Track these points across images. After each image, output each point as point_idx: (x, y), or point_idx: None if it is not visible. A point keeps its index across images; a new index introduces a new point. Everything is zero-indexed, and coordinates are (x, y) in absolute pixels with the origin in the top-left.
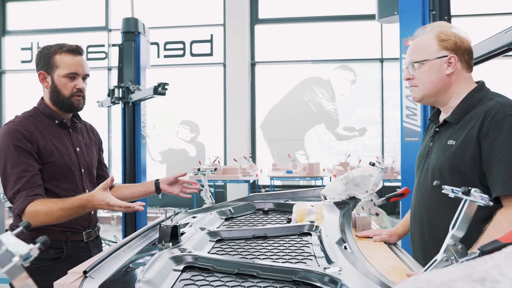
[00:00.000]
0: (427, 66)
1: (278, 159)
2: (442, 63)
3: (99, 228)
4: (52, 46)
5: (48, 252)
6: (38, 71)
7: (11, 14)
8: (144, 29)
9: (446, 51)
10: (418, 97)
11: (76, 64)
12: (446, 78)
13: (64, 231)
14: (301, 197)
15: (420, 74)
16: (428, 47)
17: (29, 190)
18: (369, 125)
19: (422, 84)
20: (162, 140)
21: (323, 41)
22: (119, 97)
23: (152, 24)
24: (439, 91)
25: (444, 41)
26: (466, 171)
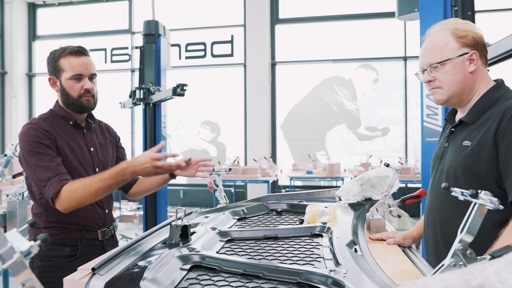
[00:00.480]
0: (449, 65)
1: (299, 159)
2: (464, 60)
3: (116, 227)
4: (56, 51)
5: (64, 249)
6: (48, 76)
7: (41, 19)
8: (165, 31)
9: (467, 48)
10: (443, 99)
11: (80, 65)
12: (470, 76)
13: (79, 229)
14: (315, 198)
15: (444, 75)
16: (447, 45)
17: (59, 176)
18: (392, 125)
19: (447, 85)
20: (184, 140)
21: (344, 40)
22: (140, 98)
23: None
24: (464, 90)
25: (463, 37)
26: (482, 173)
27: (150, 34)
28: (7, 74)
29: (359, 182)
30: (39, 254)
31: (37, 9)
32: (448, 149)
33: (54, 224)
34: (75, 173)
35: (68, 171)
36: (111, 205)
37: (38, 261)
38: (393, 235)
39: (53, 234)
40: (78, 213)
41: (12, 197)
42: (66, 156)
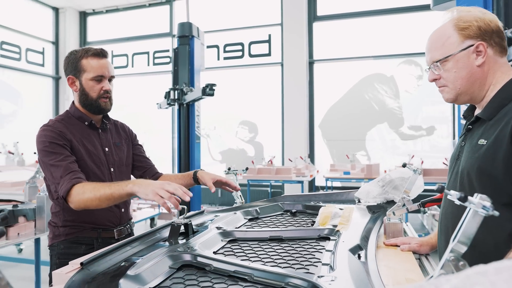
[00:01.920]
0: (451, 62)
1: (338, 159)
2: (469, 54)
3: (133, 225)
4: (78, 51)
5: (80, 247)
6: (67, 76)
7: (91, 26)
8: (199, 33)
9: (471, 40)
10: (451, 98)
11: (102, 67)
12: (478, 70)
13: (95, 228)
14: (334, 200)
15: (447, 73)
16: (448, 39)
17: (71, 174)
18: (438, 124)
19: (452, 83)
20: (222, 140)
21: (385, 35)
22: (174, 98)
23: (212, 27)
24: (473, 86)
25: (465, 29)
26: (497, 175)
27: (184, 36)
28: (61, 79)
29: (380, 183)
30: (57, 252)
31: (87, 17)
32: (464, 148)
33: (70, 223)
34: (90, 173)
35: (83, 171)
36: (128, 204)
37: (56, 258)
38: (408, 241)
39: (70, 232)
40: (94, 212)
41: (41, 193)
42: (81, 156)
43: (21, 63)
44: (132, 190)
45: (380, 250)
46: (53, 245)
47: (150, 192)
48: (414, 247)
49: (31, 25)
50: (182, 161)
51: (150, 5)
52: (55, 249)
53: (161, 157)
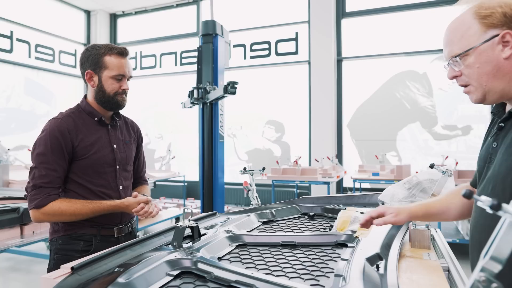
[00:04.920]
0: (473, 56)
1: (367, 160)
2: (493, 45)
3: (134, 224)
4: (101, 47)
5: (78, 244)
6: (85, 70)
7: (121, 28)
8: (222, 31)
9: (495, 30)
10: (479, 98)
11: (124, 66)
12: (507, 64)
13: (94, 225)
14: (355, 203)
15: (468, 69)
16: (468, 30)
17: (51, 189)
18: (474, 123)
19: (476, 81)
20: (249, 140)
21: (417, 30)
22: (197, 97)
23: (238, 26)
24: (502, 82)
25: (488, 16)
26: None
27: (208, 34)
28: None
29: (406, 186)
30: (55, 247)
31: (117, 18)
32: (497, 150)
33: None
34: (95, 170)
35: (87, 167)
36: None
37: (54, 253)
38: (383, 211)
39: (69, 228)
40: None
41: None
42: (86, 152)
43: (55, 65)
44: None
45: (403, 260)
46: (52, 240)
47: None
48: (389, 219)
49: (64, 27)
50: (206, 161)
51: (177, 5)
52: (54, 244)
53: (189, 157)
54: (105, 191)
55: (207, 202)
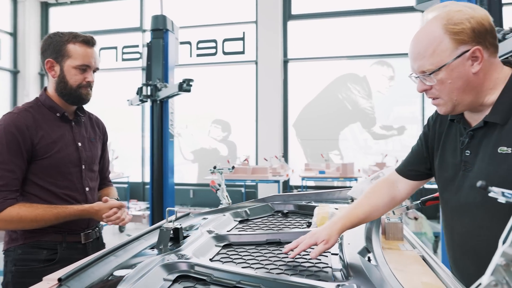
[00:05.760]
0: (445, 71)
1: (311, 159)
2: (464, 61)
3: (101, 229)
4: (65, 34)
5: (40, 253)
6: (45, 58)
7: (53, 18)
8: (173, 27)
9: (465, 45)
10: (448, 111)
11: (90, 56)
12: (475, 78)
13: (60, 232)
14: (325, 199)
15: (440, 84)
16: (439, 45)
17: (7, 193)
18: (408, 124)
19: (447, 95)
20: (194, 139)
21: (359, 35)
22: (147, 95)
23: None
24: (470, 95)
25: (458, 33)
26: None
27: (158, 29)
28: (20, 73)
29: (373, 182)
30: (13, 257)
31: (49, 8)
32: (473, 158)
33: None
34: (58, 171)
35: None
36: None
37: (12, 265)
38: (313, 242)
39: (30, 236)
40: None
41: None
42: (48, 151)
43: None
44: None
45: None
46: (9, 250)
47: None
48: (323, 248)
49: None
50: (155, 161)
51: None
52: (11, 254)
53: (132, 157)
54: (70, 193)
55: (157, 203)
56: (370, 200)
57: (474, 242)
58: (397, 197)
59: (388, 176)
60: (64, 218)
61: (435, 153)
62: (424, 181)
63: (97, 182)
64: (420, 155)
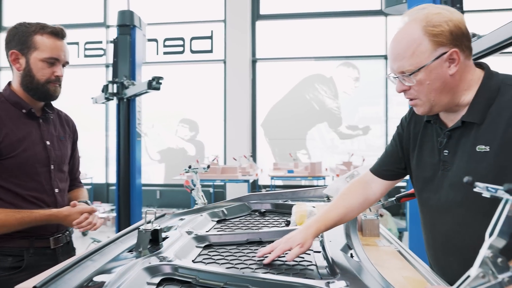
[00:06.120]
0: (424, 72)
1: (280, 158)
2: (442, 63)
3: (72, 233)
4: (31, 25)
5: (5, 260)
6: (9, 50)
7: (7, 10)
8: (141, 23)
9: (443, 47)
10: (425, 111)
11: (59, 49)
12: (452, 80)
13: (26, 236)
14: (301, 197)
15: (419, 85)
16: (419, 47)
17: None
18: (373, 124)
19: (425, 96)
20: (161, 139)
21: (326, 37)
22: (113, 92)
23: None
24: (446, 96)
25: (437, 35)
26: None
27: (125, 25)
28: None
29: (348, 180)
30: None
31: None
32: (452, 157)
33: None
34: (24, 171)
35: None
36: None
37: None
38: (288, 247)
39: None
40: None
41: None
42: (13, 150)
43: None
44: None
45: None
46: None
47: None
48: (299, 251)
49: None
50: (122, 161)
51: None
52: None
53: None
54: (38, 195)
55: (123, 205)
56: (345, 201)
57: (457, 239)
58: (371, 197)
59: (362, 176)
60: (29, 224)
61: (412, 154)
62: (398, 180)
63: (67, 183)
64: (395, 155)
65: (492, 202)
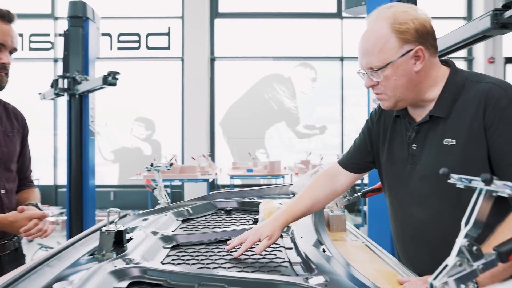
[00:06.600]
0: (391, 69)
1: (238, 157)
2: (407, 60)
3: (21, 238)
4: None
5: None
6: None
7: None
8: (94, 16)
9: (409, 44)
10: (390, 106)
11: (6, 34)
12: (416, 76)
13: None
14: (267, 195)
15: (386, 81)
16: (386, 44)
17: None
18: (329, 124)
19: (391, 91)
20: (115, 138)
21: (284, 37)
22: (64, 88)
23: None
24: (412, 92)
25: (403, 32)
26: (479, 175)
27: (77, 16)
28: None
29: (313, 176)
30: None
31: None
32: (420, 151)
33: None
34: None
35: None
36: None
37: None
38: (256, 239)
39: None
40: None
41: None
42: None
43: None
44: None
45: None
46: None
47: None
48: (268, 243)
49: None
50: (73, 161)
51: None
52: None
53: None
54: None
55: (75, 208)
56: (312, 193)
57: (426, 230)
58: (338, 189)
59: (329, 169)
60: None
61: (381, 148)
62: (364, 173)
63: (15, 183)
64: (363, 149)
65: (459, 195)
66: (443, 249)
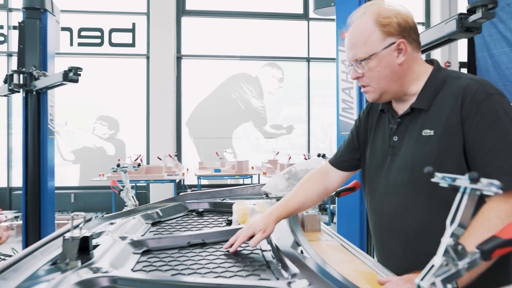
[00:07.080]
0: (375, 60)
1: (205, 157)
2: (390, 52)
3: None
4: None
5: None
6: None
7: None
8: (53, 8)
9: (392, 37)
10: (375, 97)
11: None
12: (399, 69)
13: None
14: (239, 195)
15: (370, 72)
16: (370, 36)
17: None
18: (296, 123)
19: (376, 83)
20: (75, 137)
21: (252, 37)
22: (20, 84)
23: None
24: (395, 84)
25: (386, 25)
26: (454, 165)
27: (34, 8)
28: None
29: (286, 176)
30: None
31: None
32: (401, 143)
33: None
34: None
35: None
36: None
37: None
38: (251, 233)
39: None
40: None
41: None
42: None
43: None
44: None
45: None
46: None
47: None
48: (262, 236)
49: None
50: (30, 162)
51: None
52: None
53: None
54: None
55: (32, 211)
56: (305, 190)
57: (400, 220)
58: (329, 187)
59: (321, 167)
60: None
61: (368, 143)
62: (354, 171)
63: None
64: (351, 147)
65: (435, 184)
66: (417, 240)
